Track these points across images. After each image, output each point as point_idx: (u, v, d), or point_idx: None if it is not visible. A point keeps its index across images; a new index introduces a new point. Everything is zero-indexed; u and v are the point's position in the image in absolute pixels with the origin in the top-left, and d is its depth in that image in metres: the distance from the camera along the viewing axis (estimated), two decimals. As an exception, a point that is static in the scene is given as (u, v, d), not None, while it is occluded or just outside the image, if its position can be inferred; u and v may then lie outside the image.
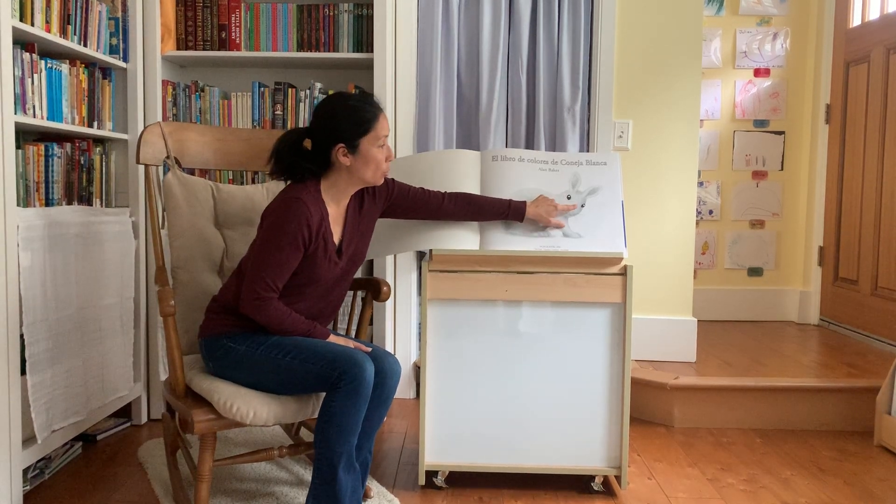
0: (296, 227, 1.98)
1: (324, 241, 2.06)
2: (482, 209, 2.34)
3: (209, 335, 2.10)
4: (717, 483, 2.46)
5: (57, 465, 2.48)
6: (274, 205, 2.04)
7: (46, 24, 2.38)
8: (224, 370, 2.06)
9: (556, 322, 2.31)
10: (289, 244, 1.99)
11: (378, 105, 2.08)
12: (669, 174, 3.31)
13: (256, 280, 2.00)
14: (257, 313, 2.01)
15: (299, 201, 2.00)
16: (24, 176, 2.33)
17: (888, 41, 3.69)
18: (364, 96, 2.08)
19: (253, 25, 3.06)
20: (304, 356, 1.97)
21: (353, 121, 2.02)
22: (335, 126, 2.03)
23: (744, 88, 4.32)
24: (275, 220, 2.00)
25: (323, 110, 2.06)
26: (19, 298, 2.17)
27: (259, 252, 2.02)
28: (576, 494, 2.35)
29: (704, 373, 3.12)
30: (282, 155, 2.08)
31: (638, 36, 3.27)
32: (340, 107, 2.04)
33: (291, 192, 2.03)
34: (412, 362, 3.32)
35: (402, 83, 3.20)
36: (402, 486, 2.40)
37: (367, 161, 2.06)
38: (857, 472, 2.57)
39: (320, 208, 2.05)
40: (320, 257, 2.06)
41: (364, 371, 1.93)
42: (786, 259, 4.39)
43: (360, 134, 2.03)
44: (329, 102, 2.07)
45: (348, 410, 1.93)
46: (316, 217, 2.02)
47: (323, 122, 2.05)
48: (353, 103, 2.04)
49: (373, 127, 2.04)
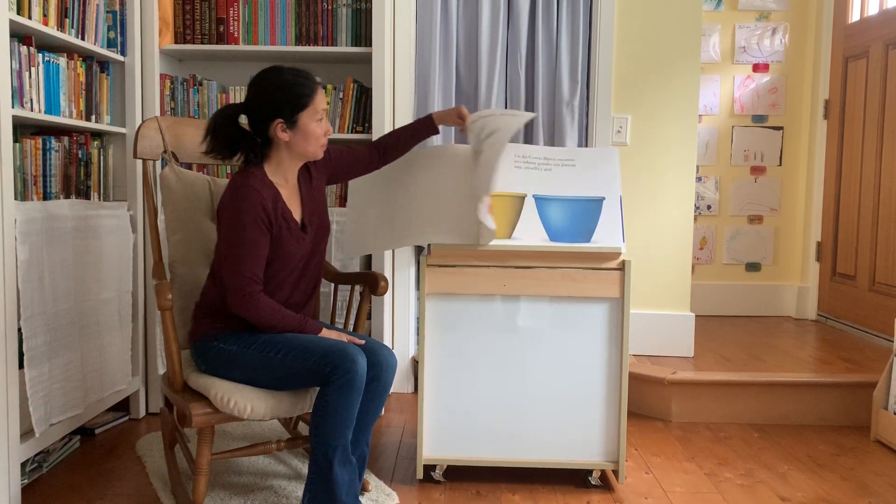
0: (253, 212, 1.98)
1: (284, 220, 2.06)
2: (403, 139, 2.37)
3: (199, 339, 2.11)
4: (715, 477, 2.47)
5: (55, 459, 2.48)
6: (225, 199, 2.03)
7: (44, 17, 2.37)
8: (217, 370, 2.06)
9: (554, 317, 2.31)
10: (252, 231, 1.98)
11: (315, 79, 2.07)
12: (668, 169, 3.31)
13: (235, 276, 1.98)
14: (247, 310, 2.00)
15: (248, 187, 1.99)
16: (21, 169, 2.33)
17: (887, 37, 3.69)
18: (300, 71, 2.06)
19: (251, 19, 3.05)
20: (296, 352, 1.97)
21: (291, 95, 2.01)
22: (273, 101, 2.01)
23: (742, 84, 4.32)
24: (231, 214, 2.00)
25: (259, 85, 2.03)
26: (17, 292, 2.17)
27: (227, 249, 2.01)
28: (573, 488, 2.36)
29: (702, 368, 3.12)
30: (219, 132, 2.05)
31: (637, 31, 3.27)
32: (277, 82, 2.01)
33: (237, 182, 2.02)
34: (410, 356, 3.33)
35: (401, 77, 3.19)
36: (400, 480, 2.40)
37: (306, 136, 2.05)
38: (854, 466, 2.57)
39: (271, 190, 2.04)
40: (286, 237, 2.06)
41: (356, 364, 1.93)
42: (784, 254, 4.40)
43: (298, 108, 2.02)
44: (265, 77, 2.04)
45: (342, 404, 1.93)
46: (269, 199, 2.02)
47: (260, 98, 2.02)
48: (289, 78, 2.02)
49: (311, 101, 2.03)
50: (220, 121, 2.06)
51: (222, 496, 2.23)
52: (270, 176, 2.08)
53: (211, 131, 2.06)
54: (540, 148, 2.49)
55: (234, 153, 2.08)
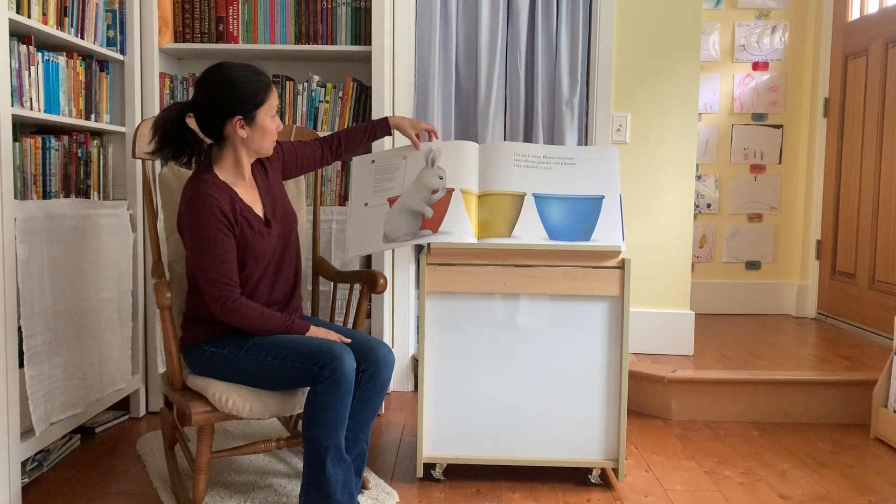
0: (212, 217, 1.96)
1: (245, 218, 2.04)
2: (353, 136, 2.40)
3: (190, 346, 2.11)
4: (715, 476, 2.47)
5: (55, 458, 2.49)
6: (182, 210, 2.02)
7: (43, 16, 2.37)
8: (211, 374, 2.07)
9: (553, 315, 2.31)
10: (216, 236, 1.97)
11: (268, 75, 2.06)
12: (667, 168, 3.31)
13: (212, 284, 1.97)
14: (231, 317, 1.99)
15: (201, 195, 1.98)
16: (21, 168, 2.33)
17: (887, 35, 3.69)
18: (252, 67, 2.04)
19: (251, 18, 3.05)
20: (285, 354, 1.97)
21: (249, 92, 2.00)
22: (230, 98, 1.98)
23: (742, 82, 4.32)
24: (191, 223, 1.99)
25: (213, 83, 2.00)
26: (17, 291, 2.17)
27: (196, 259, 2.00)
28: (573, 487, 2.36)
29: (702, 366, 3.12)
30: (168, 132, 2.02)
31: (636, 29, 3.26)
32: (233, 79, 1.99)
33: (191, 191, 2.01)
34: (410, 355, 3.33)
35: (400, 76, 3.19)
36: (399, 479, 2.40)
37: (263, 132, 2.04)
38: (854, 464, 2.57)
39: (226, 192, 2.03)
40: (250, 236, 2.05)
41: (343, 363, 1.92)
42: (783, 252, 4.40)
43: (256, 105, 2.01)
44: (218, 75, 2.01)
45: (331, 403, 1.93)
46: (226, 201, 2.00)
47: (214, 96, 1.99)
48: (244, 74, 2.00)
49: (267, 97, 2.03)
50: (169, 120, 2.03)
51: (222, 495, 2.23)
52: (223, 177, 2.06)
53: (159, 131, 2.03)
54: (539, 146, 2.49)
55: (181, 154, 2.06)
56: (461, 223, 2.33)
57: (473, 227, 2.34)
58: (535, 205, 2.36)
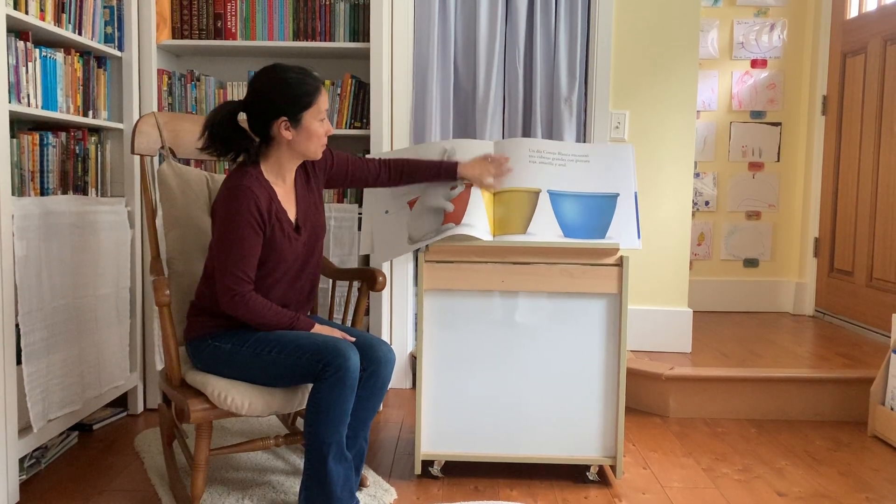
0: (246, 212, 1.96)
1: (278, 220, 2.05)
2: (417, 171, 2.37)
3: (194, 337, 2.10)
4: (712, 473, 2.47)
5: (53, 455, 2.49)
6: (220, 198, 2.02)
7: (41, 12, 2.36)
8: (213, 368, 2.06)
9: (552, 312, 2.31)
10: (245, 230, 1.97)
11: (319, 79, 2.06)
12: (666, 165, 3.31)
13: (226, 275, 1.98)
14: (237, 309, 1.99)
15: (242, 187, 1.98)
16: (18, 165, 2.32)
17: (885, 32, 3.69)
18: (304, 70, 2.04)
19: (249, 14, 3.05)
20: (288, 350, 1.97)
21: (296, 94, 2.00)
22: (277, 99, 1.99)
23: (741, 79, 4.32)
24: (225, 213, 1.99)
25: (262, 83, 2.02)
26: (14, 288, 2.17)
27: (219, 248, 2.00)
28: (571, 484, 2.36)
29: (700, 363, 3.13)
30: (217, 129, 2.04)
31: (635, 26, 3.26)
32: (282, 80, 2.00)
33: (232, 181, 2.01)
34: (409, 352, 3.33)
35: (399, 73, 3.19)
36: (398, 476, 2.40)
37: (309, 135, 2.04)
38: (851, 462, 2.58)
39: (266, 190, 2.03)
40: (279, 238, 2.05)
41: (348, 360, 1.92)
42: (781, 250, 4.40)
43: (302, 107, 2.01)
44: (268, 75, 2.02)
45: (335, 400, 1.93)
46: (264, 199, 2.01)
47: (263, 96, 2.01)
48: (294, 76, 2.01)
49: (315, 100, 2.02)
50: (218, 118, 2.04)
51: (220, 492, 2.23)
52: (266, 175, 2.07)
53: (208, 128, 2.05)
54: (554, 143, 2.46)
55: (229, 151, 2.07)
56: (481, 218, 2.32)
57: (490, 224, 2.34)
58: (550, 202, 2.35)
